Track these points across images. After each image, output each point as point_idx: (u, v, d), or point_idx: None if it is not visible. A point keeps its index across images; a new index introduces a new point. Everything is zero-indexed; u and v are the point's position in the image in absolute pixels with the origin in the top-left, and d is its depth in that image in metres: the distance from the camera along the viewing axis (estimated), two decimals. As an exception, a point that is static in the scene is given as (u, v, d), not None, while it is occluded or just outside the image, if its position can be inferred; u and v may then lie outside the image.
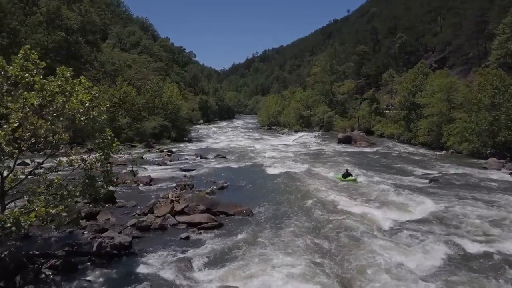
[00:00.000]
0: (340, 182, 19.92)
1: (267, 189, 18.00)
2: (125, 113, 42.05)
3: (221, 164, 26.05)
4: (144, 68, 56.12)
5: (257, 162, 27.28)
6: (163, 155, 30.72)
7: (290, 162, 27.33)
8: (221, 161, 27.84)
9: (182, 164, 26.11)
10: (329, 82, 71.20)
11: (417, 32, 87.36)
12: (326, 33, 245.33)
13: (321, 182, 19.76)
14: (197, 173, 22.46)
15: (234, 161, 27.99)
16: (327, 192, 16.99)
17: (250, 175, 22.11)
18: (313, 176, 21.47)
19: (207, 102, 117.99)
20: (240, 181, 19.93)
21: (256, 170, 24.01)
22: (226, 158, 29.36)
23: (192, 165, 25.51)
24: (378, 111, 58.61)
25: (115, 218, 12.63)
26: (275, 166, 24.89)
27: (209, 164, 25.96)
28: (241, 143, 43.43)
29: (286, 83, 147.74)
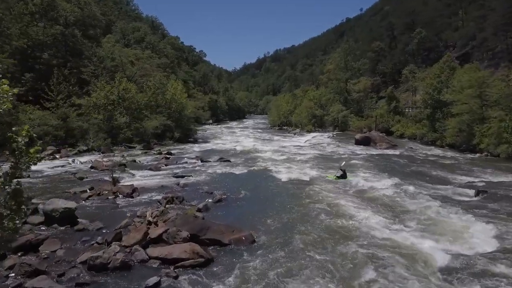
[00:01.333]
0: (364, 194, 16.30)
1: (276, 204, 14.40)
2: (124, 112, 38.95)
3: (223, 169, 22.53)
4: (147, 64, 52.95)
5: (265, 167, 23.71)
6: (160, 158, 27.40)
7: (303, 167, 23.73)
8: (224, 165, 24.33)
9: (178, 168, 22.70)
10: (344, 80, 67.27)
11: (436, 27, 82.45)
12: (339, 32, 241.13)
13: (342, 194, 16.11)
14: (194, 180, 18.95)
15: (239, 165, 24.45)
16: (352, 209, 13.33)
17: (256, 184, 18.54)
18: (331, 186, 17.81)
19: (217, 101, 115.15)
20: (243, 191, 16.34)
21: (263, 177, 20.43)
22: (230, 162, 25.86)
23: (189, 170, 22.07)
24: (398, 110, 54.51)
25: (64, 250, 9.19)
26: (286, 172, 21.28)
27: (209, 169, 22.47)
28: (248, 144, 39.98)
29: (298, 81, 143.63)
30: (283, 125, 77.98)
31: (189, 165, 24.21)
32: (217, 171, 21.96)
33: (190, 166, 23.75)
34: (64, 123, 32.52)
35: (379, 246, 9.97)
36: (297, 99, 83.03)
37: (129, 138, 37.60)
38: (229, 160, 26.45)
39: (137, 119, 40.21)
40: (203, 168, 22.85)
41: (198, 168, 23.12)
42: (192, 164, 24.59)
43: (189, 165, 24.21)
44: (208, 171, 21.89)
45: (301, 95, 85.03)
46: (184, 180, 18.63)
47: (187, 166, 23.71)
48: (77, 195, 14.64)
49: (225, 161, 25.97)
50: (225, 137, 52.34)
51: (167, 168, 22.86)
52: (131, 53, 53.65)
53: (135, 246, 9.22)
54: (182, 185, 17.42)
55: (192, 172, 21.18)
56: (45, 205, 11.03)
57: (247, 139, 48.91)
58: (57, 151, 28.28)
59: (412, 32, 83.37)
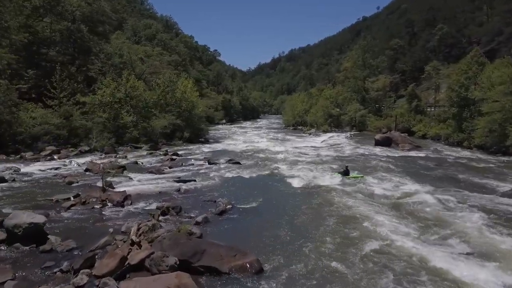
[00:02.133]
0: (391, 202, 14.00)
1: (291, 218, 12.16)
2: (131, 110, 37.22)
3: (232, 173, 20.40)
4: (156, 61, 51.16)
5: (278, 171, 21.53)
6: (165, 159, 25.42)
7: (320, 170, 21.46)
8: (233, 168, 22.21)
9: (183, 172, 20.67)
10: (362, 78, 64.46)
11: (459, 23, 79.00)
12: (355, 31, 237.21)
13: (366, 203, 13.81)
14: (197, 185, 16.87)
15: (250, 168, 22.31)
16: (383, 226, 11.02)
17: (267, 191, 16.34)
18: (355, 193, 15.51)
19: (231, 101, 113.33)
20: (252, 200, 14.16)
21: (275, 183, 18.23)
22: (240, 164, 23.74)
23: (194, 173, 20.04)
24: (419, 109, 51.61)
25: (16, 282, 7.13)
26: (301, 177, 19.06)
27: (216, 173, 20.37)
28: (261, 145, 37.86)
29: (314, 80, 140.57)
30: (297, 125, 75.61)
31: (195, 168, 22.16)
32: (225, 175, 19.83)
33: (196, 169, 21.70)
34: (66, 121, 30.90)
35: (422, 271, 7.73)
36: (312, 98, 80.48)
37: (136, 138, 35.86)
38: (239, 162, 24.32)
39: (145, 118, 38.46)
40: (210, 171, 20.76)
41: (204, 171, 21.05)
42: (199, 167, 22.54)
43: (195, 168, 22.16)
44: (214, 174, 19.78)
45: (316, 94, 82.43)
46: (186, 185, 16.56)
47: (192, 169, 21.65)
48: (59, 203, 12.69)
49: (234, 163, 23.86)
50: (238, 137, 50.35)
51: (171, 171, 20.85)
52: (141, 50, 51.97)
53: (107, 277, 7.15)
54: (183, 191, 15.36)
55: (197, 176, 19.14)
56: (7, 219, 9.06)
57: (260, 139, 46.80)
58: (57, 151, 26.61)
59: (433, 28, 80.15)
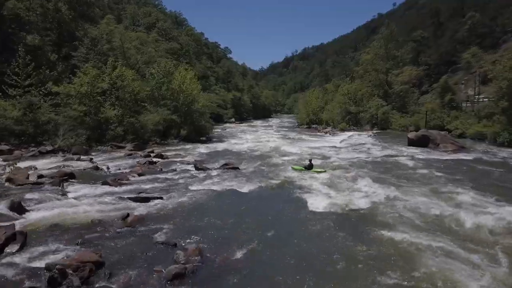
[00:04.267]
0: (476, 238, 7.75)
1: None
2: (116, 103, 31.49)
3: (222, 185, 14.26)
4: (152, 48, 45.27)
5: (289, 180, 15.35)
6: (141, 162, 19.45)
7: (348, 180, 15.21)
8: (228, 176, 16.08)
9: (154, 182, 14.59)
10: (384, 70, 57.65)
11: (491, 11, 71.47)
12: (370, 28, 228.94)
13: (444, 256, 7.54)
14: (159, 208, 10.71)
15: (250, 176, 16.16)
16: None
17: (270, 221, 10.08)
18: (412, 224, 9.23)
19: (241, 99, 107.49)
20: (240, 243, 8.00)
21: (284, 204, 11.97)
22: (239, 170, 17.61)
23: (168, 186, 13.94)
24: (453, 104, 44.75)
25: None
26: (323, 192, 12.87)
27: (200, 185, 14.22)
28: (270, 145, 31.75)
29: (329, 76, 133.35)
30: (312, 123, 69.13)
31: (175, 176, 16.09)
32: (212, 187, 13.68)
33: (175, 178, 15.62)
34: (30, 115, 25.25)
35: None
36: (328, 94, 73.93)
37: (121, 136, 30.12)
38: (238, 167, 18.16)
39: (134, 113, 32.66)
40: (192, 182, 14.68)
41: (184, 181, 14.94)
42: (181, 174, 16.49)
43: (175, 176, 16.09)
44: (196, 188, 13.65)
45: (332, 90, 75.82)
46: (144, 208, 10.50)
47: (169, 178, 15.57)
48: None
49: (231, 168, 17.71)
50: (245, 136, 44.36)
51: (138, 180, 14.84)
52: (134, 36, 46.06)
53: None
54: (131, 221, 9.29)
55: (171, 190, 13.08)
56: None
57: (270, 138, 40.67)
58: (8, 151, 20.95)
59: (462, 17, 72.79)
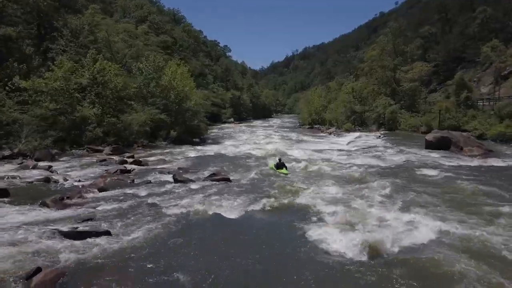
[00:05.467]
0: None
1: None
2: (95, 100, 27.99)
3: (204, 206, 10.50)
4: (141, 41, 41.62)
5: (294, 198, 11.79)
6: (111, 171, 15.90)
7: (368, 198, 11.64)
8: (214, 191, 12.48)
9: (115, 201, 11.05)
10: (392, 67, 54.01)
11: (504, 5, 67.85)
12: (372, 27, 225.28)
13: None
14: (101, 249, 7.11)
15: (242, 191, 12.57)
16: None
17: (263, 269, 6.64)
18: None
19: (240, 98, 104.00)
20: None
21: (288, 236, 8.42)
22: (230, 183, 14.03)
23: (131, 208, 10.37)
24: (469, 102, 41.14)
25: None
26: (339, 217, 9.30)
27: (176, 206, 10.57)
28: (270, 148, 28.24)
29: (332, 74, 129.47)
30: (314, 123, 65.63)
31: (147, 190, 12.52)
32: (190, 210, 10.08)
33: (145, 194, 12.03)
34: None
35: None
36: (331, 93, 70.37)
37: (100, 138, 26.62)
38: (229, 178, 14.57)
39: (118, 112, 29.15)
40: (166, 202, 11.09)
41: (155, 200, 11.30)
42: (154, 189, 12.92)
43: (147, 190, 12.52)
44: (168, 211, 10.06)
45: (336, 88, 72.24)
46: (77, 250, 6.94)
47: (138, 195, 11.98)
48: None
49: (220, 180, 14.10)
50: (243, 137, 40.95)
51: (94, 199, 11.30)
52: (121, 28, 42.31)
53: None
54: (40, 283, 5.73)
55: (131, 215, 9.51)
56: None
57: (270, 140, 37.22)
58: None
59: (473, 11, 69.24)
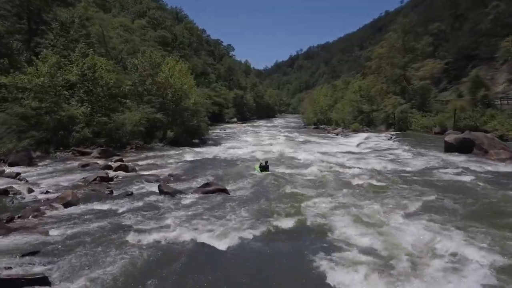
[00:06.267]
0: None
1: None
2: (84, 99, 25.79)
3: (190, 230, 8.22)
4: (137, 36, 39.31)
5: (299, 214, 9.44)
6: (91, 178, 13.65)
7: (387, 214, 9.30)
8: (206, 207, 10.13)
9: (79, 223, 8.77)
10: (402, 64, 51.50)
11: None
12: (377, 26, 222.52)
13: None
14: None
15: (240, 207, 10.19)
16: None
17: None
18: None
19: (243, 98, 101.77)
20: None
21: (293, 273, 6.16)
22: (227, 195, 11.72)
23: (94, 233, 8.06)
24: (486, 101, 38.62)
25: None
26: (357, 247, 6.98)
27: (154, 229, 8.27)
28: (275, 150, 26.06)
29: (337, 72, 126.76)
30: (320, 123, 63.26)
31: (125, 206, 10.26)
32: (170, 237, 7.77)
33: (123, 210, 9.79)
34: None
35: None
36: (337, 92, 67.92)
37: (91, 139, 24.43)
38: (225, 188, 12.25)
39: (110, 111, 26.92)
40: (144, 224, 8.80)
41: (130, 221, 8.99)
42: (134, 202, 10.65)
43: (125, 206, 10.26)
44: (142, 238, 7.75)
45: (342, 87, 69.79)
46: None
47: (111, 213, 9.71)
48: None
49: (215, 191, 11.80)
50: (246, 138, 38.75)
51: (53, 219, 9.03)
52: (117, 22, 39.95)
53: None
54: None
55: (89, 246, 7.24)
56: None
57: (274, 141, 34.98)
58: None
59: (485, 7, 66.50)
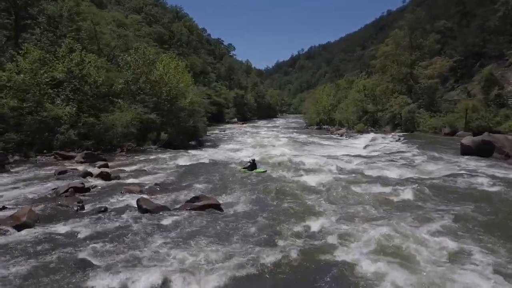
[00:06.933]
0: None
1: None
2: (72, 97, 23.81)
3: (165, 270, 6.37)
4: (130, 31, 37.26)
5: (311, 240, 7.42)
6: (62, 189, 11.62)
7: (416, 238, 7.27)
8: (192, 231, 8.11)
9: (20, 255, 6.76)
10: (409, 62, 49.40)
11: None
12: (379, 26, 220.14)
13: None
14: None
15: (235, 231, 8.19)
16: None
17: None
18: None
19: (244, 97, 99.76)
20: None
21: None
22: (218, 212, 9.68)
23: (35, 273, 6.10)
24: (499, 101, 36.53)
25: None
26: None
27: (115, 273, 6.34)
28: (277, 153, 24.07)
29: (340, 71, 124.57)
30: (323, 123, 61.24)
31: (92, 228, 8.25)
32: (137, 280, 5.82)
33: (86, 235, 7.76)
34: None
35: None
36: (341, 91, 65.86)
37: (77, 141, 22.44)
38: (217, 204, 10.19)
39: (99, 111, 24.91)
40: (111, 253, 6.82)
41: (89, 252, 7.03)
42: (106, 223, 8.64)
43: (92, 228, 8.25)
44: (101, 283, 5.80)
45: (345, 87, 67.73)
46: None
47: (70, 239, 7.70)
48: None
49: (205, 207, 9.76)
50: (245, 140, 36.74)
51: (1, 246, 7.03)
52: (109, 16, 37.71)
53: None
54: None
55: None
56: None
57: (276, 142, 33.01)
58: None
59: (494, 3, 64.39)
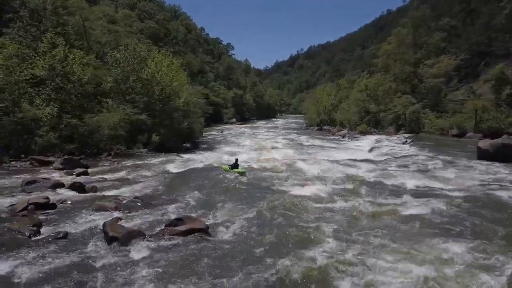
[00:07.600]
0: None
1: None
2: (54, 96, 21.93)
3: None
4: (122, 27, 35.29)
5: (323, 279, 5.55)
6: (20, 206, 9.71)
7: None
8: (166, 270, 6.30)
9: None
10: (413, 61, 47.58)
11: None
12: (379, 25, 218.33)
13: None
14: None
15: (223, 263, 6.35)
16: None
17: None
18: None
19: (243, 97, 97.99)
20: None
21: None
22: (205, 239, 7.79)
23: None
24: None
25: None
26: None
27: None
28: (276, 156, 22.34)
29: (341, 71, 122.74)
30: (323, 124, 59.44)
31: (40, 263, 6.38)
32: None
33: (31, 277, 5.90)
34: None
35: None
36: (342, 91, 64.08)
37: (59, 145, 20.56)
38: (204, 228, 8.29)
39: (83, 111, 23.02)
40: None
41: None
42: (60, 256, 6.75)
43: (40, 263, 6.38)
44: None
45: (346, 86, 65.96)
46: None
47: (17, 276, 5.86)
48: None
49: (187, 233, 7.87)
50: (243, 142, 34.85)
51: None
52: (98, 11, 35.57)
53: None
54: None
55: None
56: None
57: (275, 144, 31.35)
58: None
59: (499, 1, 62.68)
